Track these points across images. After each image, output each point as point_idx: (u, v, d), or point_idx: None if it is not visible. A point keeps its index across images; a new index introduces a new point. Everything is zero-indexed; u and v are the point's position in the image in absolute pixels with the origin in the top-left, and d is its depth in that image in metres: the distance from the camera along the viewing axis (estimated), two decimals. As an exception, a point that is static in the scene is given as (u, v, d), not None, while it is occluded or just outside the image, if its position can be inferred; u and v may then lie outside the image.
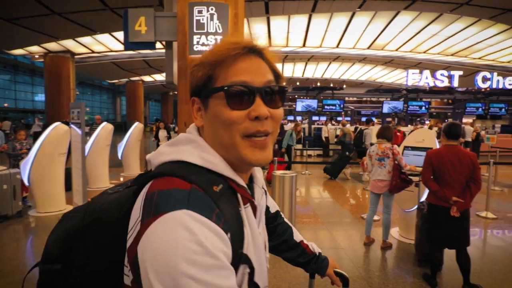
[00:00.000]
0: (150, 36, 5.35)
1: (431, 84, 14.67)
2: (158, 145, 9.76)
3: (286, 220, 1.10)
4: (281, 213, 1.09)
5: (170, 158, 0.61)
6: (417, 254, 3.79)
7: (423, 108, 15.33)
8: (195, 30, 4.77)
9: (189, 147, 0.62)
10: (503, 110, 12.59)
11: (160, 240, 0.47)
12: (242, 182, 0.64)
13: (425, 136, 4.41)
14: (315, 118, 23.44)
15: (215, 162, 0.61)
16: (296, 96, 23.45)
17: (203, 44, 4.76)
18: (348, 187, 8.16)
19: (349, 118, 22.54)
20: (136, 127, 9.04)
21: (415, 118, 24.66)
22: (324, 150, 13.00)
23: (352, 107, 24.46)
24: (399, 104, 16.81)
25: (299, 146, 11.49)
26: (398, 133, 10.24)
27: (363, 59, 21.33)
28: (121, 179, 8.61)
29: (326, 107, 10.46)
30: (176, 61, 5.51)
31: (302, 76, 26.72)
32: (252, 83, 0.60)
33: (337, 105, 10.36)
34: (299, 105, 12.89)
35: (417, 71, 15.73)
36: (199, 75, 0.63)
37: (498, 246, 4.28)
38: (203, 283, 0.45)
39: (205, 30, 4.74)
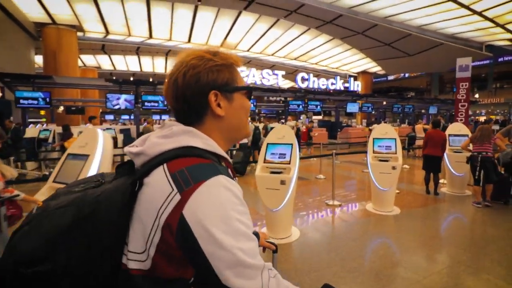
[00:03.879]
0: None
1: (258, 82, 15.09)
2: None
3: None
4: None
5: (173, 146, 0.65)
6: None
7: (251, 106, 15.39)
8: None
9: (187, 136, 0.67)
10: (318, 107, 13.89)
11: (210, 198, 0.57)
12: (231, 161, 0.78)
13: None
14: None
15: (214, 145, 0.69)
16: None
17: None
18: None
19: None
20: None
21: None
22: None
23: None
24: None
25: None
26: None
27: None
28: None
29: (146, 103, 8.97)
30: None
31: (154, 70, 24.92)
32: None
33: (160, 102, 9.09)
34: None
35: (245, 68, 16.07)
36: (225, 76, 0.72)
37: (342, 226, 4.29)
38: (243, 223, 0.58)
39: None
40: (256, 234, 1.14)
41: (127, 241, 0.61)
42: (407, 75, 33.36)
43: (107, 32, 15.71)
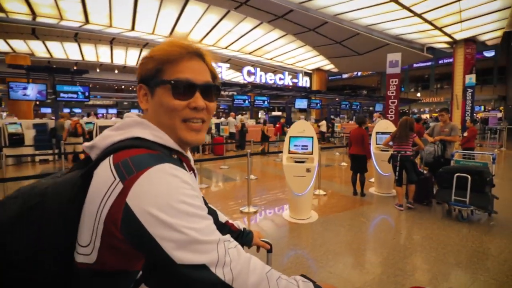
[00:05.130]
0: None
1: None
2: None
3: (209, 204, 1.06)
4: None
5: (122, 137, 0.63)
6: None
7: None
8: None
9: (137, 128, 0.65)
10: (266, 103, 13.36)
11: (154, 183, 0.54)
12: (186, 154, 0.73)
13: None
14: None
15: (165, 138, 0.66)
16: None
17: None
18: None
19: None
20: None
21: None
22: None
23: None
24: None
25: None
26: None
27: (145, 44, 19.71)
28: None
29: (62, 94, 7.58)
30: None
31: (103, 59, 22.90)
32: (194, 80, 0.69)
33: (79, 93, 7.81)
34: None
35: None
36: (149, 67, 0.68)
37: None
38: (192, 205, 0.56)
39: None
40: (249, 232, 1.11)
41: (77, 234, 0.58)
42: (359, 73, 34.33)
43: (34, 14, 13.72)
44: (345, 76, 35.94)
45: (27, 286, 0.56)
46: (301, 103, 14.72)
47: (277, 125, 13.81)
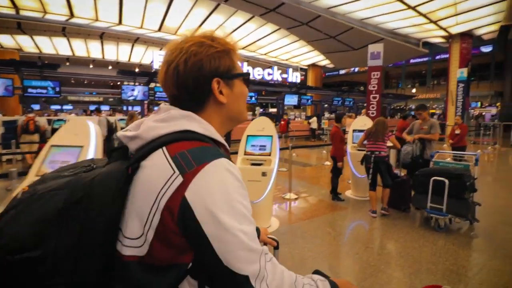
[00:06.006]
0: None
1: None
2: None
3: None
4: None
5: (170, 130, 0.62)
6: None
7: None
8: None
9: (185, 120, 0.64)
10: (253, 98, 12.82)
11: (213, 180, 0.54)
12: (228, 148, 0.73)
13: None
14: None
15: (212, 131, 0.66)
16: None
17: None
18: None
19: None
20: None
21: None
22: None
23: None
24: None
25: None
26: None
27: (136, 39, 19.12)
28: None
29: (30, 90, 7.03)
30: None
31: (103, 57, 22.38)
32: None
33: (49, 88, 7.30)
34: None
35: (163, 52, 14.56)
36: (226, 63, 0.68)
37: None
38: (245, 206, 0.57)
39: None
40: (257, 229, 1.03)
41: (121, 226, 0.57)
42: (357, 69, 33.57)
43: (16, 7, 13.19)
44: (342, 72, 35.15)
45: (70, 278, 0.54)
46: (291, 99, 14.15)
47: (282, 122, 12.84)
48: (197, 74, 0.65)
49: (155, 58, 13.08)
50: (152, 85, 11.67)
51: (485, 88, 25.53)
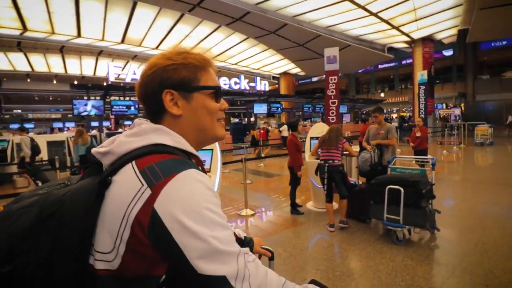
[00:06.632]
0: None
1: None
2: None
3: None
4: None
5: (141, 144, 0.62)
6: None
7: (132, 108, 10.89)
8: None
9: (156, 134, 0.64)
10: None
11: (182, 190, 0.54)
12: (201, 158, 0.72)
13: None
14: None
15: (183, 143, 0.66)
16: None
17: None
18: None
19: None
20: None
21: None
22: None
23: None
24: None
25: None
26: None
27: (100, 52, 18.43)
28: None
29: None
30: None
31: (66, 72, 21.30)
32: (219, 86, 0.75)
33: None
34: None
35: (122, 64, 14.05)
36: (184, 74, 0.68)
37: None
38: (216, 213, 0.56)
39: None
40: (250, 240, 1.06)
41: (93, 241, 0.56)
42: (329, 76, 34.16)
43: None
44: (314, 79, 35.63)
45: None
46: (260, 108, 13.87)
47: (261, 131, 13.09)
48: (150, 85, 0.67)
49: (110, 69, 12.38)
50: (112, 98, 10.96)
51: (449, 90, 26.60)
